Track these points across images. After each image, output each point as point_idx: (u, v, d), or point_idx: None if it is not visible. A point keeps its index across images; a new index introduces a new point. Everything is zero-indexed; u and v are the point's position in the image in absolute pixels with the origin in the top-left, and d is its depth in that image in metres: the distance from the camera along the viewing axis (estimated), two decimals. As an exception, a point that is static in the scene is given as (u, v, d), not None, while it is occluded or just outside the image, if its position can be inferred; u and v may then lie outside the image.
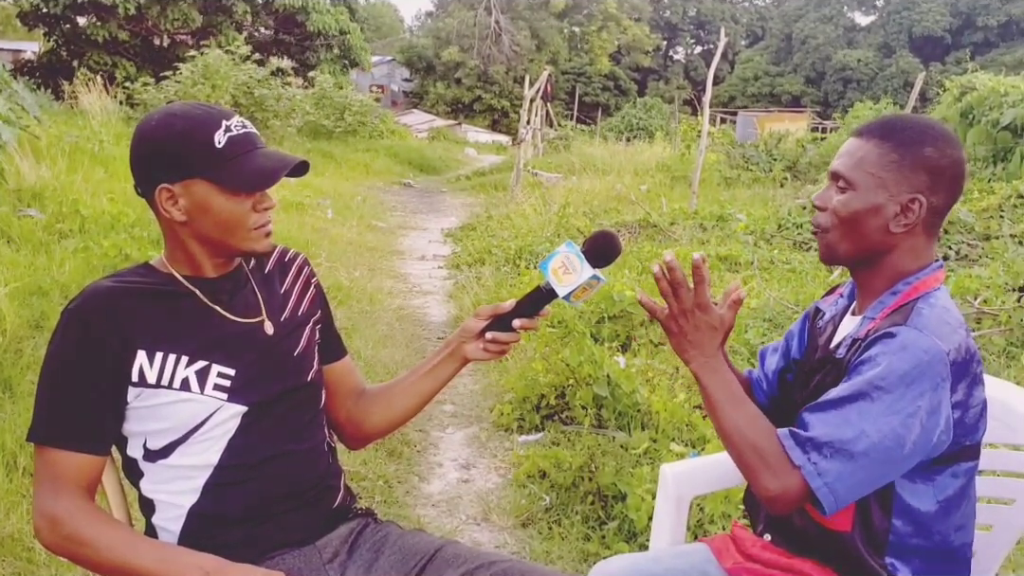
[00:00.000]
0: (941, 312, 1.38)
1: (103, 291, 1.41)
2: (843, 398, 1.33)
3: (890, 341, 1.33)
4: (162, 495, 1.44)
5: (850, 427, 1.30)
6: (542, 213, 9.63)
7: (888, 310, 1.42)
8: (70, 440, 1.37)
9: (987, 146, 10.91)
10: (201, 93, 13.37)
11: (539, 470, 3.38)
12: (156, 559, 1.33)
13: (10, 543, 2.55)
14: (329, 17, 22.67)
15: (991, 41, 43.29)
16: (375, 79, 41.73)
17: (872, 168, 1.42)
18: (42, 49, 21.85)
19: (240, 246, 1.44)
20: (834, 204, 1.45)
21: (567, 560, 2.81)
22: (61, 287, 4.76)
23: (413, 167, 18.58)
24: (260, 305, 1.52)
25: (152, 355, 1.39)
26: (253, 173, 1.39)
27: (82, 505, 1.36)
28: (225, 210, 1.39)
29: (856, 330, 1.46)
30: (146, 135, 1.41)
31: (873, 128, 1.46)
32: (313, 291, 1.63)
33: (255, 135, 1.44)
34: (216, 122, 1.39)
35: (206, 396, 1.41)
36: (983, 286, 5.48)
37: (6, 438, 3.05)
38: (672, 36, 55.87)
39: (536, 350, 4.41)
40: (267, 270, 1.58)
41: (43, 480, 1.37)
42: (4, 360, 3.73)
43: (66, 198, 6.44)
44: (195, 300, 1.45)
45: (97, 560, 1.34)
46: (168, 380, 1.39)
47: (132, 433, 1.43)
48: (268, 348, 1.49)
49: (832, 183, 1.47)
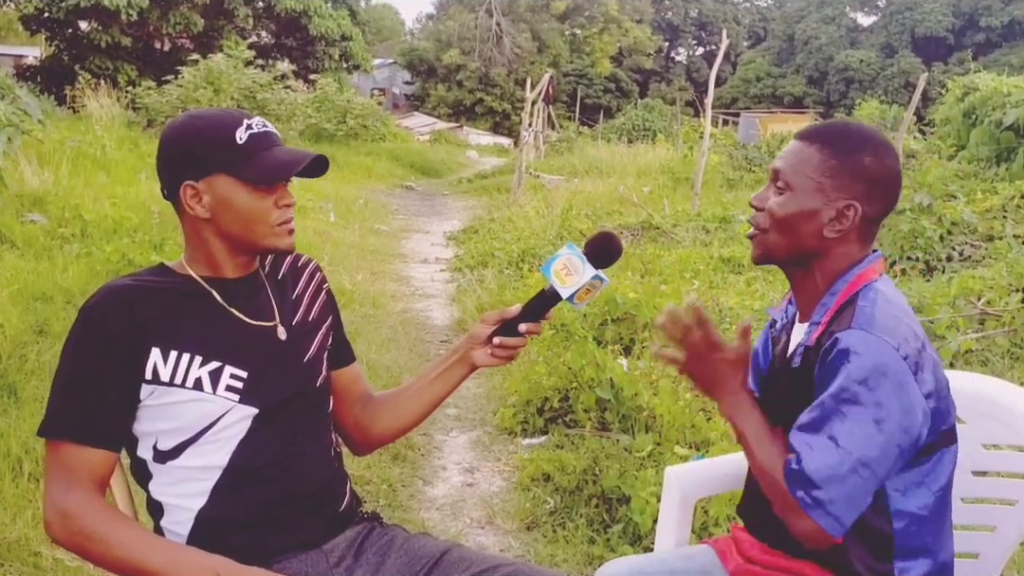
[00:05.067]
0: (883, 305, 1.38)
1: (120, 289, 1.44)
2: (815, 420, 1.34)
3: (841, 349, 1.34)
4: (171, 498, 1.44)
5: (832, 451, 1.31)
6: (544, 215, 9.63)
7: (831, 312, 1.43)
8: (83, 435, 1.37)
9: (990, 146, 10.89)
10: (204, 97, 13.40)
11: (543, 473, 3.38)
12: (167, 559, 1.33)
13: (16, 548, 2.55)
14: (331, 21, 22.68)
15: (994, 42, 43.21)
16: (376, 82, 41.77)
17: (812, 172, 1.43)
18: (44, 54, 21.89)
19: (262, 242, 1.46)
20: (770, 205, 1.46)
21: (572, 563, 2.82)
22: (64, 292, 4.78)
23: (415, 170, 18.59)
24: (274, 310, 1.54)
25: (167, 353, 1.40)
26: (273, 166, 1.42)
27: (94, 501, 1.36)
28: (247, 205, 1.43)
29: (806, 338, 1.46)
30: (170, 136, 1.46)
31: (818, 133, 1.47)
32: (324, 297, 1.64)
33: (275, 134, 1.48)
34: (238, 121, 1.44)
35: (218, 396, 1.42)
36: (986, 287, 5.47)
37: (11, 443, 3.06)
38: (674, 37, 55.84)
39: (539, 353, 4.41)
40: (280, 275, 1.60)
41: (55, 475, 1.37)
42: (8, 366, 3.73)
43: (69, 203, 6.46)
44: (211, 301, 1.47)
45: (108, 556, 1.33)
46: (181, 379, 1.41)
47: (143, 433, 1.44)
48: (280, 352, 1.51)
49: (771, 183, 1.47)
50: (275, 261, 1.60)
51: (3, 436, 3.09)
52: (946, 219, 7.59)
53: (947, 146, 12.09)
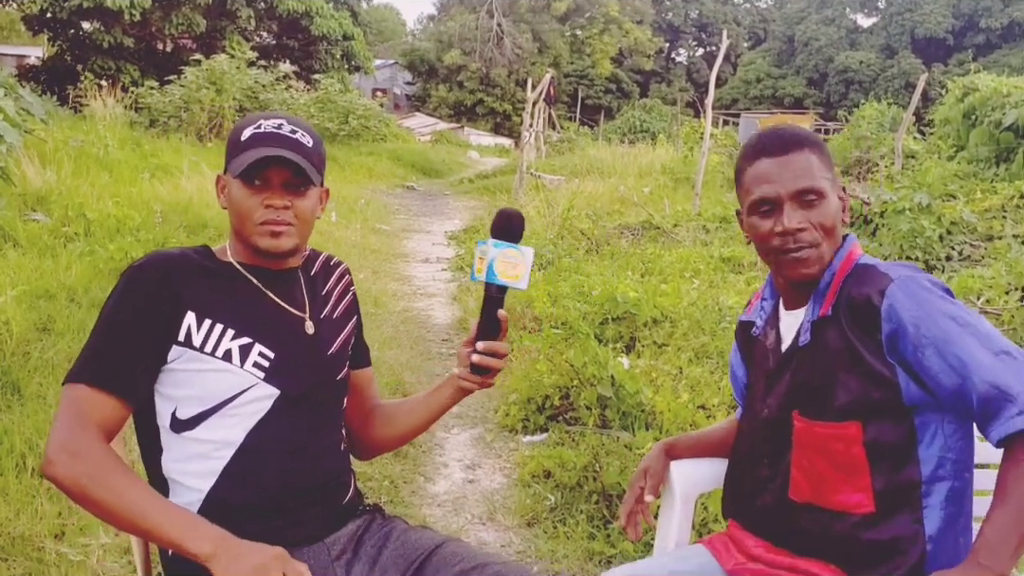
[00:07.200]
0: (890, 262, 1.46)
1: (164, 255, 1.51)
2: (959, 366, 1.31)
3: (901, 297, 1.36)
4: (181, 475, 1.44)
5: (1008, 363, 1.29)
6: (545, 215, 9.65)
7: (833, 293, 1.46)
8: (102, 379, 1.38)
9: (989, 147, 10.91)
10: (206, 98, 13.44)
11: (544, 470, 3.40)
12: (174, 517, 1.30)
13: (20, 543, 2.56)
14: (332, 21, 22.69)
15: (993, 43, 43.20)
16: (378, 82, 41.83)
17: (825, 173, 1.48)
18: (46, 54, 21.90)
19: (250, 239, 1.50)
20: (816, 219, 1.46)
21: (572, 559, 2.83)
22: (67, 291, 4.79)
23: (416, 170, 18.61)
24: (305, 304, 1.58)
25: (201, 320, 1.44)
26: (243, 162, 1.46)
27: (104, 446, 1.34)
28: (237, 200, 1.50)
29: (810, 315, 1.48)
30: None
31: (794, 139, 1.49)
32: (350, 298, 1.69)
33: (283, 136, 1.50)
34: (256, 120, 1.51)
35: (244, 371, 1.45)
36: (986, 286, 5.49)
37: (15, 440, 3.07)
38: (674, 38, 55.84)
39: (540, 351, 4.43)
40: (313, 272, 1.64)
41: (67, 415, 1.35)
42: (12, 363, 3.75)
43: (72, 202, 6.47)
44: (248, 283, 1.53)
45: (111, 503, 1.29)
46: (212, 348, 1.44)
47: (165, 397, 1.45)
48: (307, 342, 1.55)
49: (793, 203, 1.46)
50: (309, 258, 1.65)
51: (7, 432, 3.11)
52: (945, 219, 7.61)
53: (947, 146, 12.11)
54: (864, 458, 1.40)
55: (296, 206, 1.49)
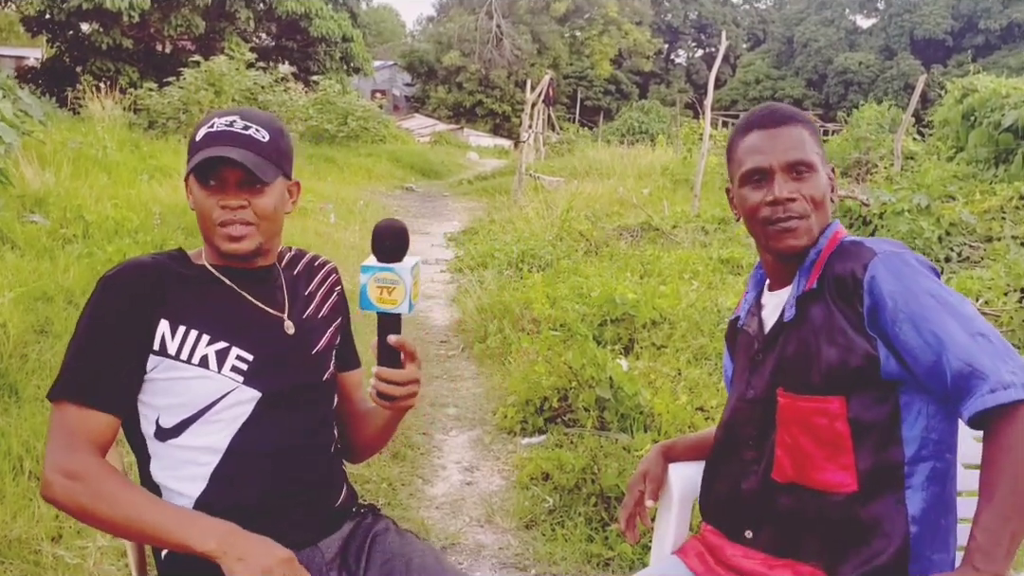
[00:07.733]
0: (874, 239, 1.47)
1: (136, 264, 1.49)
2: (936, 344, 1.31)
3: (883, 271, 1.37)
4: (170, 481, 1.44)
5: (982, 344, 1.29)
6: (544, 217, 9.66)
7: (818, 268, 1.46)
8: (88, 397, 1.39)
9: (988, 148, 10.91)
10: (205, 99, 13.44)
11: (542, 472, 3.39)
12: (177, 520, 1.33)
13: (17, 546, 2.56)
14: (331, 23, 22.69)
15: (992, 44, 43.21)
16: (377, 84, 41.80)
17: (816, 147, 1.51)
18: (45, 56, 21.89)
19: (212, 241, 1.49)
20: (806, 191, 1.48)
21: (570, 561, 2.83)
22: (65, 293, 4.79)
23: (415, 171, 18.61)
24: (285, 304, 1.56)
25: (175, 327, 1.43)
26: (194, 162, 1.44)
27: (98, 461, 1.37)
28: (196, 200, 1.48)
29: (796, 291, 1.49)
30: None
31: (786, 114, 1.53)
32: (336, 298, 1.67)
33: (236, 134, 1.46)
34: (211, 119, 1.48)
35: (223, 375, 1.44)
36: (984, 287, 5.49)
37: (12, 442, 3.07)
38: (673, 39, 55.84)
39: (539, 353, 4.43)
40: (296, 272, 1.63)
41: (57, 436, 1.38)
42: (9, 365, 3.74)
43: (70, 204, 6.46)
44: (224, 286, 1.51)
45: (111, 515, 1.33)
46: (188, 355, 1.43)
47: (147, 406, 1.45)
48: (288, 343, 1.53)
49: (784, 174, 1.48)
50: (293, 258, 1.64)
51: (4, 435, 3.10)
52: (944, 220, 7.62)
53: (946, 147, 12.12)
54: (848, 435, 1.40)
55: (254, 204, 1.46)
